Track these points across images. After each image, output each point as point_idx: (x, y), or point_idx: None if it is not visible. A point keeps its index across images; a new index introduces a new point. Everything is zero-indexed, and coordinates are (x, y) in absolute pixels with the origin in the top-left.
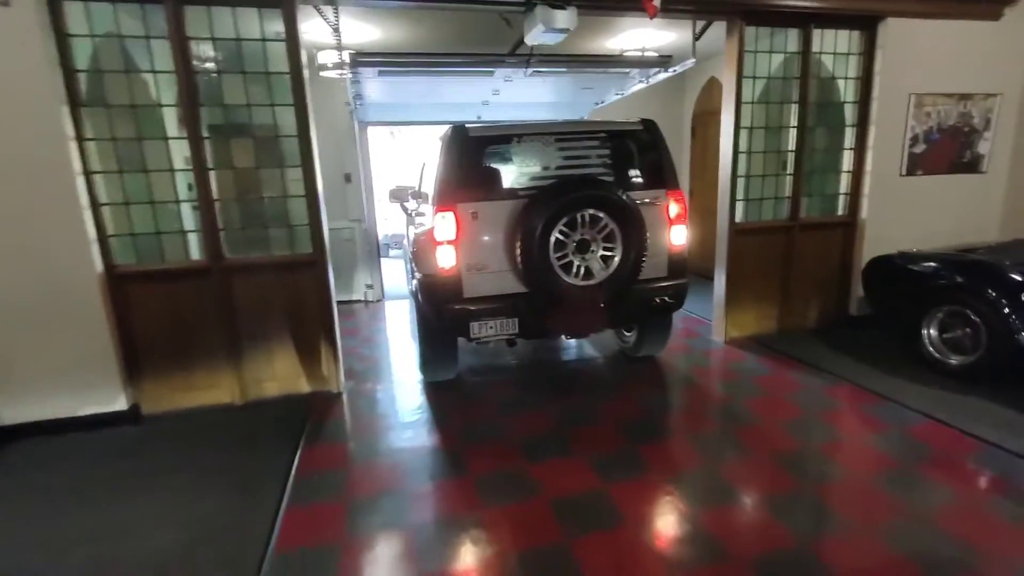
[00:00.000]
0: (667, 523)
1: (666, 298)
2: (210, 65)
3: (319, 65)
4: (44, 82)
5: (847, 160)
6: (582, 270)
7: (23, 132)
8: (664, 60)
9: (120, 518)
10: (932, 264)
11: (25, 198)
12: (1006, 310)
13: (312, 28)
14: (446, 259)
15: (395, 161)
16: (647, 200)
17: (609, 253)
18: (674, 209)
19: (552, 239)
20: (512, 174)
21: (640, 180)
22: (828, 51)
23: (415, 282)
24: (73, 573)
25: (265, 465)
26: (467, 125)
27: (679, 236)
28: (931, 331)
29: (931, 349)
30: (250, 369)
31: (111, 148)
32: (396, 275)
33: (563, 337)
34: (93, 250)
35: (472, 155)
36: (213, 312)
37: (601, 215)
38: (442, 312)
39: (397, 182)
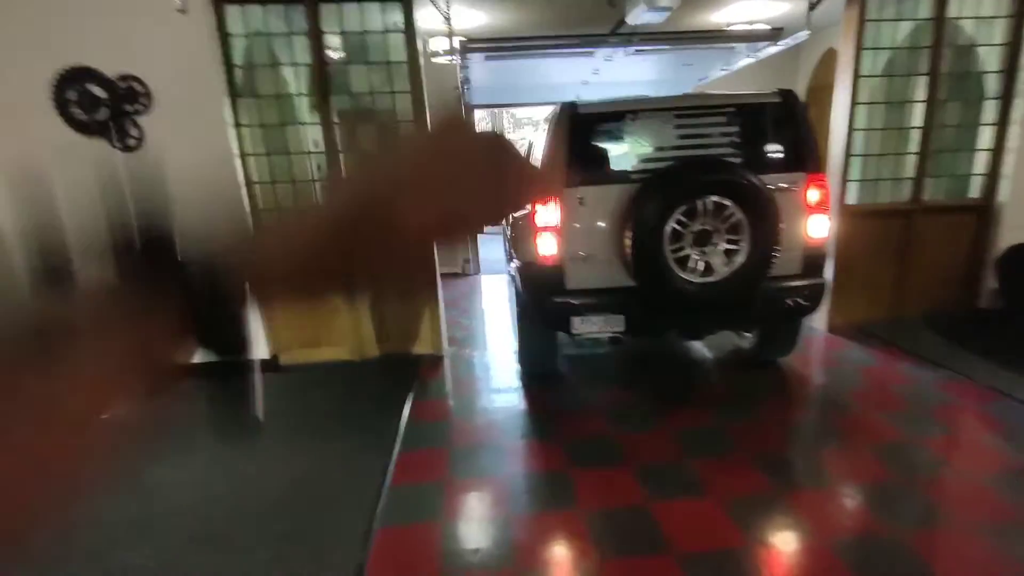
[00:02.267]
0: (746, 498)
1: (799, 299)
2: (339, 56)
3: (431, 52)
4: (213, 77)
5: (986, 137)
6: (700, 265)
7: (199, 121)
8: (775, 33)
9: (268, 447)
10: None
11: (201, 177)
12: None
13: (425, 16)
14: (548, 247)
15: None
16: (782, 185)
17: (733, 247)
18: (814, 195)
19: (667, 229)
20: (624, 155)
21: (775, 161)
22: (968, 15)
23: (513, 269)
24: (241, 483)
25: (381, 413)
26: (577, 102)
27: (819, 227)
28: None
29: None
30: (367, 331)
31: (260, 133)
32: (491, 251)
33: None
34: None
35: (581, 134)
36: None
37: (727, 203)
38: (542, 304)
39: None
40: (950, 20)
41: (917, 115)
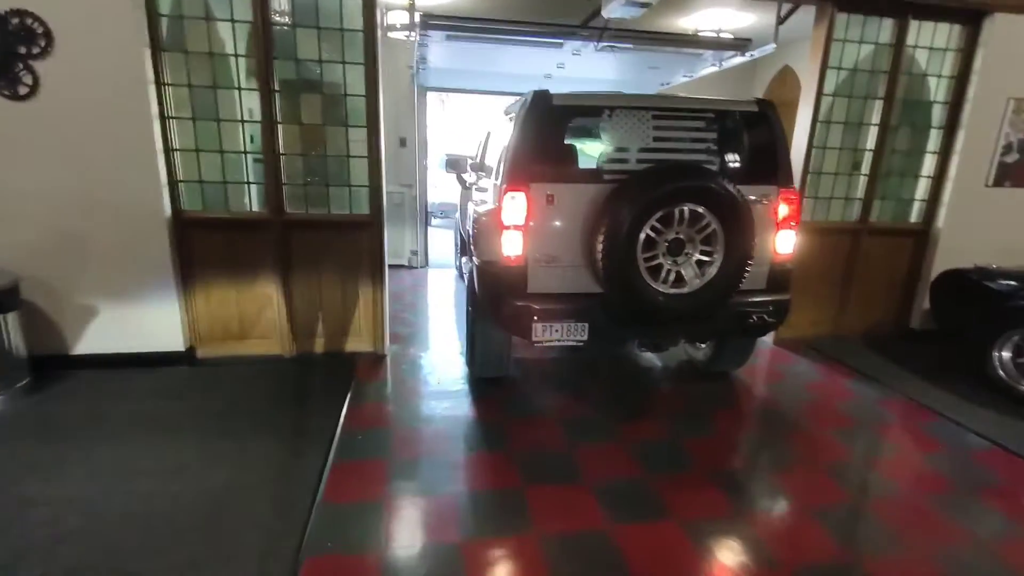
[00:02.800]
0: (709, 522)
1: (764, 316)
2: (287, 18)
3: (388, 25)
4: (130, 25)
5: (928, 165)
6: (672, 275)
7: (109, 73)
8: (742, 43)
9: (175, 455)
10: (1014, 283)
11: (106, 138)
12: None
13: None
14: (512, 246)
15: (444, 129)
16: (752, 197)
17: (707, 258)
18: (785, 210)
19: (641, 236)
20: (598, 153)
21: (749, 172)
22: (923, 45)
23: (471, 268)
24: (132, 503)
25: (313, 418)
26: (551, 92)
27: (786, 243)
28: (1003, 353)
29: (1001, 373)
30: (301, 324)
31: (186, 94)
32: (440, 243)
33: (637, 348)
34: (164, 194)
35: (554, 127)
36: (271, 265)
37: (703, 211)
38: (501, 307)
39: (447, 151)
40: (908, 47)
41: (870, 138)
